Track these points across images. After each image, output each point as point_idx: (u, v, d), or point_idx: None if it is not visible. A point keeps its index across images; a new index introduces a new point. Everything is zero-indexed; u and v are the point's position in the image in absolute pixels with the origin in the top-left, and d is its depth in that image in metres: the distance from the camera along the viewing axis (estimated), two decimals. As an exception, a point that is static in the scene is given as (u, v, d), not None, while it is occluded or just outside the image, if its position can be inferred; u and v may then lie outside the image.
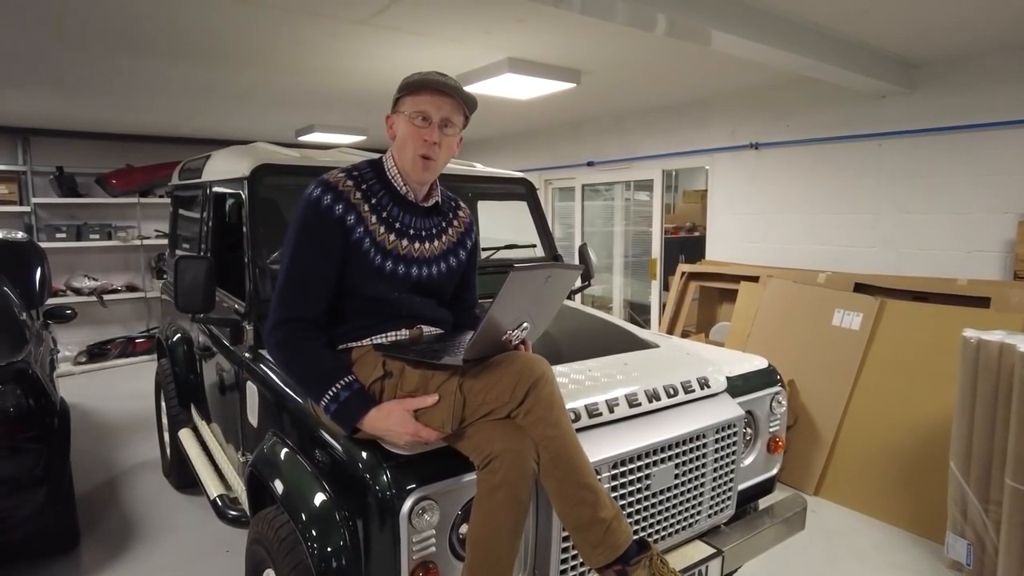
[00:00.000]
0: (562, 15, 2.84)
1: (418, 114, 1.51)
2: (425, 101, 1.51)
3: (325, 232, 1.49)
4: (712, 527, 1.93)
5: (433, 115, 1.52)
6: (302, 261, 1.49)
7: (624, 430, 1.67)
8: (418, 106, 1.52)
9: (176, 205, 3.95)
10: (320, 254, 1.49)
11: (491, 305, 1.26)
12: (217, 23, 3.02)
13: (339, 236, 1.50)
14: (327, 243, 1.49)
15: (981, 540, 2.61)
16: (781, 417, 2.19)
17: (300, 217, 1.51)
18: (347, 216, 1.51)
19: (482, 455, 1.31)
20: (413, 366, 1.43)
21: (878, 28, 3.09)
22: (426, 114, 1.51)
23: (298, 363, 1.48)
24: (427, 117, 1.51)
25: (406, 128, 1.53)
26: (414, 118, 1.52)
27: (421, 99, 1.52)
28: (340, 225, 1.50)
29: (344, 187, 1.53)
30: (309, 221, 1.50)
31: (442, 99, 1.52)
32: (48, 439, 2.61)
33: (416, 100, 1.52)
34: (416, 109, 1.52)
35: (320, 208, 1.50)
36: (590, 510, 1.31)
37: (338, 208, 1.50)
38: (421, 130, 1.52)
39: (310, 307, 1.50)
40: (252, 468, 1.87)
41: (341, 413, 1.42)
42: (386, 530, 1.36)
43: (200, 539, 3.01)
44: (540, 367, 1.36)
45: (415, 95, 1.52)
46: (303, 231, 1.50)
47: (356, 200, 1.53)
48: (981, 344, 2.60)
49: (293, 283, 1.49)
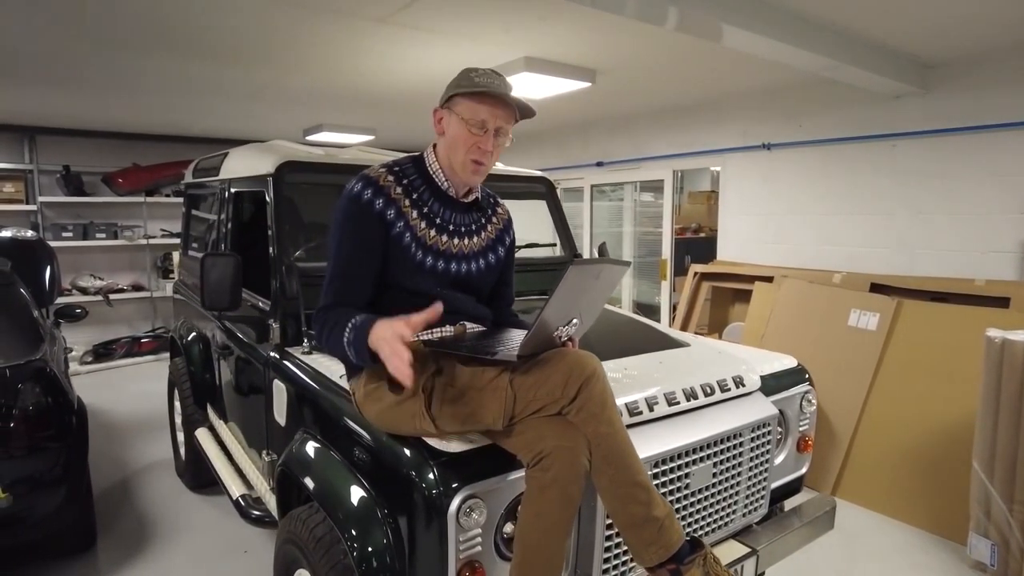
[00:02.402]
0: (580, 13, 2.83)
1: (477, 122, 1.49)
2: (485, 110, 1.49)
3: (366, 226, 1.50)
4: (745, 526, 1.92)
5: (490, 124, 1.50)
6: (345, 253, 1.51)
7: (663, 428, 1.66)
8: (477, 114, 1.49)
9: (189, 204, 3.93)
10: (362, 247, 1.51)
11: (547, 300, 1.25)
12: (237, 21, 3.01)
13: (380, 230, 1.51)
14: (368, 236, 1.51)
15: (1006, 540, 2.61)
16: (811, 416, 2.18)
17: (342, 212, 1.52)
18: (387, 211, 1.52)
19: (533, 452, 1.30)
20: (465, 362, 1.42)
21: (893, 27, 3.08)
22: (484, 123, 1.50)
23: (334, 327, 1.46)
24: (484, 126, 1.50)
25: (460, 132, 1.51)
26: (471, 125, 1.50)
27: (481, 107, 1.49)
28: (380, 220, 1.51)
29: (385, 182, 1.53)
30: (351, 215, 1.51)
31: (501, 108, 1.51)
32: (67, 438, 2.59)
33: (475, 107, 1.50)
34: (475, 117, 1.49)
35: (361, 203, 1.50)
36: (643, 508, 1.30)
37: (378, 203, 1.51)
38: (477, 137, 1.50)
39: (354, 296, 1.52)
40: (283, 467, 1.86)
41: (356, 337, 1.38)
42: (432, 529, 1.34)
43: (217, 539, 2.98)
44: (592, 363, 1.35)
45: (474, 100, 1.50)
46: (345, 225, 1.52)
47: (397, 195, 1.53)
48: (1006, 344, 2.59)
49: (338, 275, 1.52)
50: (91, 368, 6.14)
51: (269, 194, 2.35)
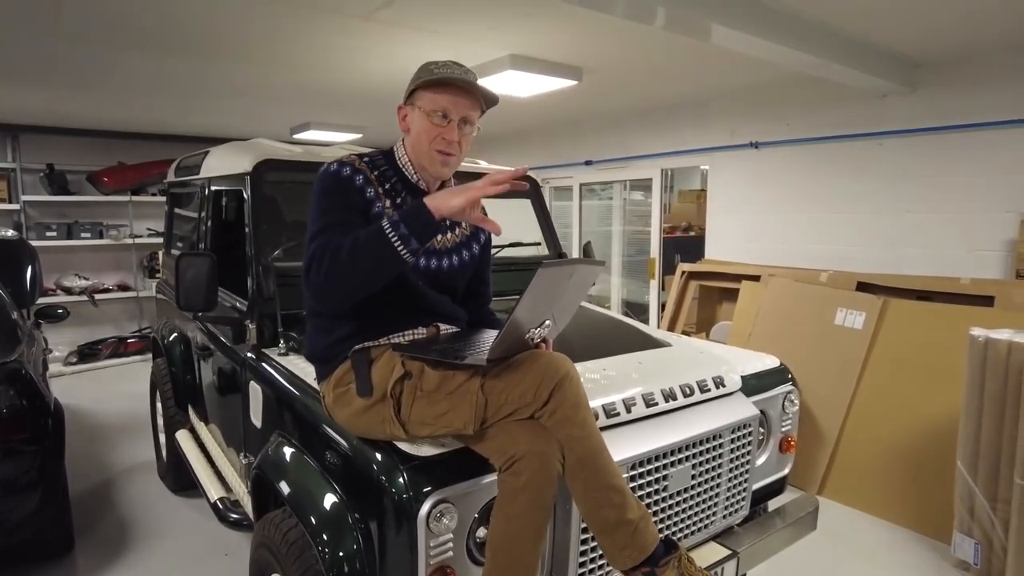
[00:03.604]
0: (566, 11, 2.81)
1: (438, 112, 1.46)
2: (446, 99, 1.46)
3: (348, 194, 1.45)
4: (726, 528, 1.91)
5: (453, 113, 1.47)
6: (332, 213, 1.41)
7: (642, 430, 1.64)
8: (438, 104, 1.46)
9: (172, 203, 3.88)
10: (346, 210, 1.43)
11: (517, 302, 1.22)
12: (215, 17, 2.96)
13: (361, 202, 1.46)
14: (351, 202, 1.45)
15: (989, 539, 2.61)
16: (793, 416, 2.16)
17: (321, 185, 1.46)
18: (367, 188, 1.48)
19: (505, 456, 1.27)
20: (433, 366, 1.39)
21: (880, 25, 3.07)
22: (446, 112, 1.46)
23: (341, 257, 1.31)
24: (447, 115, 1.47)
25: (423, 124, 1.48)
26: (433, 116, 1.47)
27: (442, 97, 1.46)
28: (361, 193, 1.47)
29: (360, 166, 1.50)
30: (331, 189, 1.45)
31: (463, 97, 1.47)
32: (42, 441, 2.55)
33: (436, 97, 1.46)
34: (436, 107, 1.46)
35: (340, 177, 1.46)
36: (617, 512, 1.28)
37: (358, 179, 1.47)
38: (440, 128, 1.47)
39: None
40: (257, 470, 1.83)
41: (413, 226, 1.27)
42: (402, 534, 1.32)
43: (198, 542, 2.95)
44: (565, 365, 1.32)
45: (435, 91, 1.47)
46: (325, 197, 1.44)
47: (372, 179, 1.50)
48: (989, 342, 2.59)
49: (325, 229, 1.38)
50: (76, 369, 6.08)
51: (246, 193, 2.32)
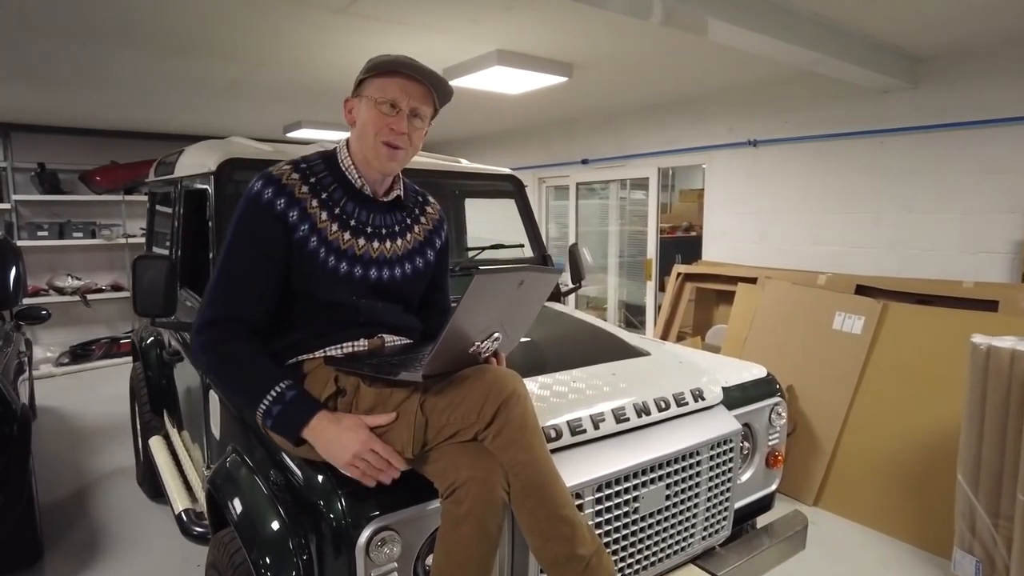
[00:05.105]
0: (552, 4, 2.71)
1: (385, 101, 1.36)
2: (394, 87, 1.36)
3: (264, 228, 1.34)
4: (707, 549, 1.80)
5: (402, 103, 1.37)
6: (238, 257, 1.34)
7: (610, 448, 1.54)
8: (386, 92, 1.36)
9: (153, 202, 3.80)
10: (258, 250, 1.33)
11: (452, 313, 1.12)
12: (198, 14, 2.89)
13: (279, 234, 1.34)
14: (266, 239, 1.34)
15: (991, 557, 2.48)
16: (781, 430, 2.05)
17: (238, 212, 1.36)
18: (289, 212, 1.35)
19: (446, 483, 1.17)
20: (368, 383, 1.28)
21: (881, 19, 2.96)
22: (394, 101, 1.36)
23: (230, 367, 1.31)
24: (395, 104, 1.37)
25: (370, 114, 1.38)
26: (381, 105, 1.37)
27: (390, 84, 1.36)
28: (281, 221, 1.35)
29: (289, 180, 1.38)
30: (247, 216, 1.35)
31: (413, 86, 1.37)
32: (6, 448, 2.48)
33: (384, 84, 1.37)
34: (383, 95, 1.36)
35: (260, 203, 1.34)
36: (566, 546, 1.17)
37: (279, 203, 1.35)
38: (388, 118, 1.37)
39: (245, 308, 1.33)
40: (210, 485, 1.73)
41: (283, 419, 1.25)
42: (341, 563, 1.22)
43: (171, 553, 2.86)
44: (511, 383, 1.21)
45: (383, 78, 1.37)
46: (240, 226, 1.35)
47: (302, 195, 1.38)
48: (991, 351, 2.46)
49: (227, 280, 1.33)
50: (67, 370, 6.03)
51: (211, 191, 2.23)
